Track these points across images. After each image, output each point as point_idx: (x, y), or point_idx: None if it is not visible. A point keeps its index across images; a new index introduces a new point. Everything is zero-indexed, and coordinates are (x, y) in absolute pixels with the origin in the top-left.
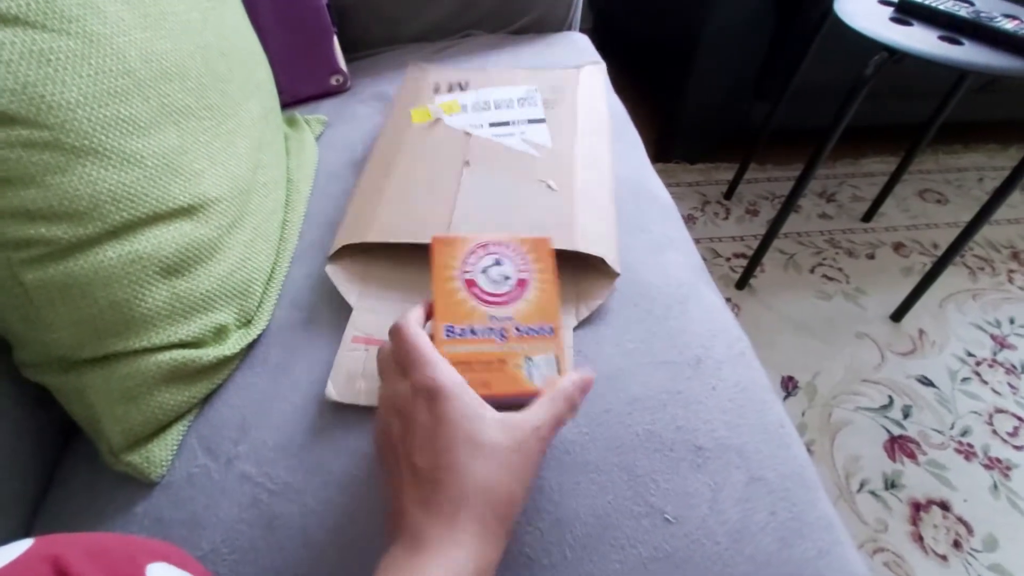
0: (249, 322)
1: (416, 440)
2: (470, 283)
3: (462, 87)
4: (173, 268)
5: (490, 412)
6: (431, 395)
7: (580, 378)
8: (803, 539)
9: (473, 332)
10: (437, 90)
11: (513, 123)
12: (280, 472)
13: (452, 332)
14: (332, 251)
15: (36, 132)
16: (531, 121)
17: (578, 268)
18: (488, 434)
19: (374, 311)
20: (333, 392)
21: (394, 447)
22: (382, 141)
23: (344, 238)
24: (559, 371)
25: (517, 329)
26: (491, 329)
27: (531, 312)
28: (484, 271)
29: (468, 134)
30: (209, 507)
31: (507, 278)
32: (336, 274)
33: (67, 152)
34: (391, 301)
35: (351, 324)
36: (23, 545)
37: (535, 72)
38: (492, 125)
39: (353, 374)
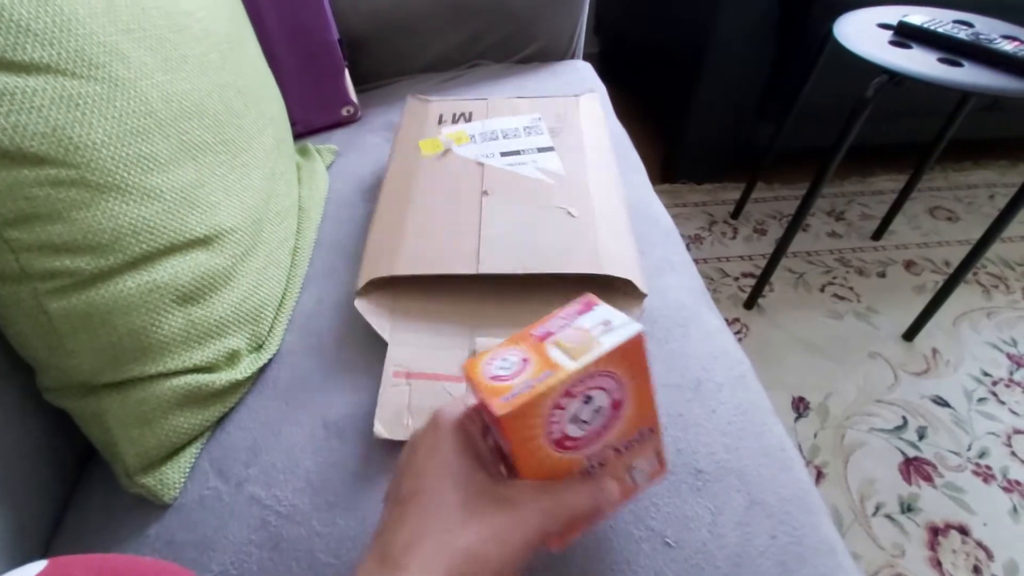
0: (260, 347)
1: (409, 467)
2: (560, 442)
3: (466, 118)
4: (188, 296)
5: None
6: (435, 423)
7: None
8: (804, 564)
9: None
10: (441, 121)
11: (523, 152)
12: (288, 494)
13: None
14: (360, 285)
15: (64, 171)
16: (540, 150)
17: (603, 291)
18: (477, 480)
19: (409, 344)
20: (383, 431)
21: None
22: (393, 173)
23: (370, 272)
24: (660, 463)
25: (615, 450)
26: (592, 467)
27: (628, 427)
28: (573, 419)
29: (481, 164)
30: (219, 529)
31: (599, 408)
32: (365, 308)
33: (91, 189)
34: (424, 333)
35: (389, 359)
36: (37, 567)
37: (535, 101)
38: (503, 155)
39: (399, 409)
